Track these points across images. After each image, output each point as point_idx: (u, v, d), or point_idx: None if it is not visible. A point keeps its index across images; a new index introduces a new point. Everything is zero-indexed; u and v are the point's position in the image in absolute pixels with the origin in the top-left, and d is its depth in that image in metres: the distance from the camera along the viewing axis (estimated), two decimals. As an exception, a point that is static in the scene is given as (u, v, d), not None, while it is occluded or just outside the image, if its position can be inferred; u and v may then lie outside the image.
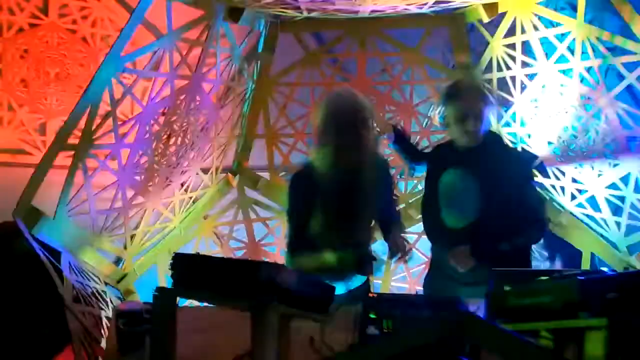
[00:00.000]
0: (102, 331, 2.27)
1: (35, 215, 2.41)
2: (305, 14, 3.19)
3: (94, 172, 2.70)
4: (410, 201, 3.81)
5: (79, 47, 3.89)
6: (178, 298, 1.80)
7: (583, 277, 1.60)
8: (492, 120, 3.52)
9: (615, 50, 2.68)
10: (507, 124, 3.47)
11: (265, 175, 3.82)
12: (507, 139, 3.39)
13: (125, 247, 3.13)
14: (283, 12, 3.17)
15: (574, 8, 2.97)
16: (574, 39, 2.82)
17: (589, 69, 2.82)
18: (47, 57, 3.97)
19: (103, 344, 2.26)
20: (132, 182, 2.94)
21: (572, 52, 2.85)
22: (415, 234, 3.67)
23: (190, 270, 1.77)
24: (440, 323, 1.17)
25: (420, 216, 2.98)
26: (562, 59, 2.94)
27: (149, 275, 3.37)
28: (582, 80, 2.87)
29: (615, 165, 2.95)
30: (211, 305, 1.98)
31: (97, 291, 2.59)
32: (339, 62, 3.69)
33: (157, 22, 2.98)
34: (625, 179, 2.96)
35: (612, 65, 2.78)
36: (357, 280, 2.51)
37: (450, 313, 1.67)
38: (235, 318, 1.75)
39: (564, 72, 2.95)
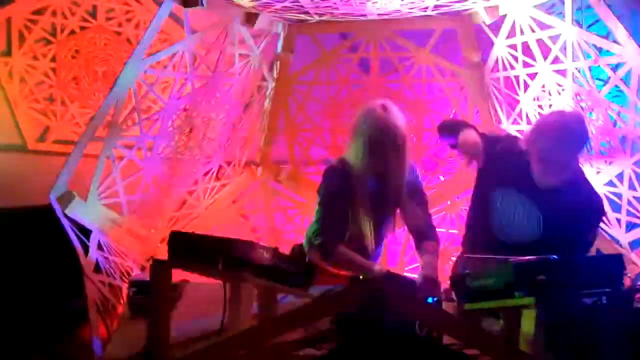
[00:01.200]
0: (121, 300, 2.61)
1: (69, 197, 2.78)
2: (316, 17, 3.43)
3: (122, 161, 3.05)
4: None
5: (124, 48, 4.26)
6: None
7: (518, 261, 1.78)
8: (502, 119, 3.65)
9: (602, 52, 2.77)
10: (515, 122, 3.59)
11: (287, 167, 4.09)
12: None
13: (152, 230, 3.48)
14: (296, 16, 3.42)
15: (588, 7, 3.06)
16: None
17: (580, 70, 2.92)
18: (96, 57, 4.36)
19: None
20: (157, 171, 3.28)
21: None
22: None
23: (183, 246, 2.06)
24: (356, 292, 1.39)
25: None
26: (557, 60, 3.04)
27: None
28: (575, 80, 2.96)
29: (610, 163, 3.03)
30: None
31: (122, 266, 2.95)
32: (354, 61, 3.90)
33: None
34: (620, 177, 3.04)
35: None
36: None
37: (366, 283, 1.87)
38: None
39: (559, 72, 3.06)
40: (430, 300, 2.25)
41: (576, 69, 2.94)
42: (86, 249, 2.61)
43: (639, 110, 2.75)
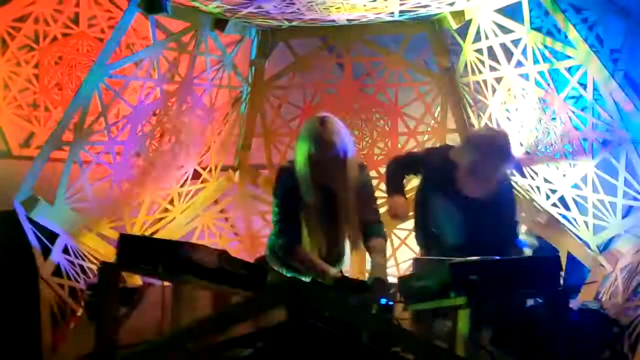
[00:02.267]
0: (82, 303, 2.64)
1: (34, 202, 2.81)
2: (286, 23, 3.47)
3: (89, 165, 3.09)
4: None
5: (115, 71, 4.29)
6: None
7: (453, 262, 1.79)
8: (474, 122, 3.67)
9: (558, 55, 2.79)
10: (486, 126, 3.60)
11: (265, 172, 4.11)
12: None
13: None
14: (266, 22, 3.46)
15: (577, 9, 3.07)
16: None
17: (542, 73, 2.93)
18: (79, 63, 4.40)
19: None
20: (127, 175, 3.32)
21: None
22: (406, 230, 3.82)
23: (131, 248, 2.09)
24: (270, 291, 1.41)
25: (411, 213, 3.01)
26: (520, 64, 3.05)
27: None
28: (537, 83, 2.98)
29: (574, 165, 3.04)
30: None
31: (90, 270, 2.97)
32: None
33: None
34: (584, 179, 3.04)
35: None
36: None
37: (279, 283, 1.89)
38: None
39: (523, 76, 3.07)
40: (383, 301, 2.28)
41: (538, 72, 2.95)
42: (49, 253, 2.63)
43: (596, 112, 2.76)
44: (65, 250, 2.95)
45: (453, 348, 1.77)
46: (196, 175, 3.91)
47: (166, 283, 2.13)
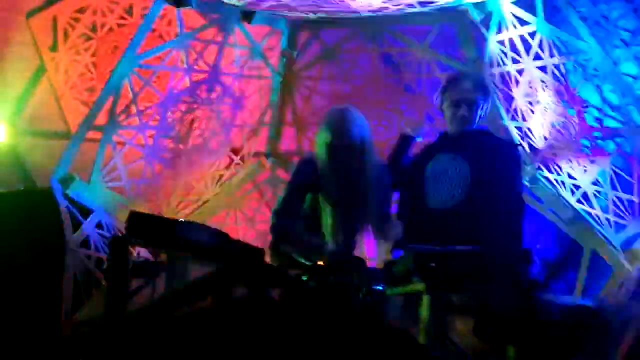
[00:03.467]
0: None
1: (71, 179, 3.10)
2: (312, 15, 3.57)
3: (123, 147, 3.35)
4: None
5: (157, 44, 4.51)
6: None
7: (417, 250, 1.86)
8: (502, 114, 3.62)
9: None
10: (514, 119, 3.55)
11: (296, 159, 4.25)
12: (515, 135, 3.46)
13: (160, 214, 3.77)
14: (292, 14, 3.57)
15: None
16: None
17: (557, 67, 2.88)
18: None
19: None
20: (159, 158, 3.55)
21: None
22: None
23: (140, 225, 2.29)
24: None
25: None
26: (538, 57, 3.01)
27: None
28: (554, 77, 2.93)
29: (592, 161, 2.97)
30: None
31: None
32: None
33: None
34: (604, 176, 2.97)
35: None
36: None
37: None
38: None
39: (541, 69, 3.02)
40: (379, 288, 2.36)
41: (554, 66, 2.90)
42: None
43: (607, 108, 2.69)
44: (99, 226, 3.22)
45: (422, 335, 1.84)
46: (228, 161, 4.11)
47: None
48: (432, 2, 3.24)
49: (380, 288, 2.32)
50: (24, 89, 4.78)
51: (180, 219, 2.26)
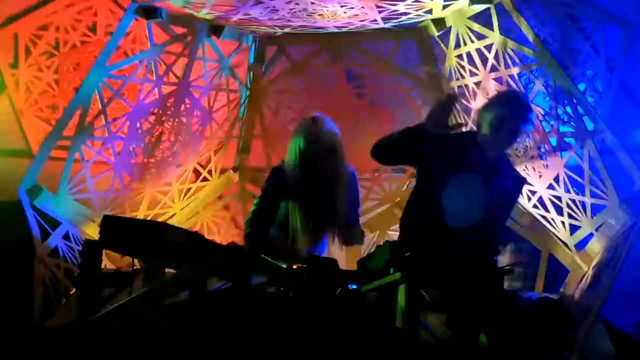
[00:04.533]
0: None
1: (38, 190, 3.07)
2: (279, 30, 3.68)
3: (91, 158, 3.34)
4: (397, 200, 4.12)
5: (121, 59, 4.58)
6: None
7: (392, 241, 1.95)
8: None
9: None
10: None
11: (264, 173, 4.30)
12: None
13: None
14: (261, 28, 3.68)
15: (572, 18, 3.19)
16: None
17: (512, 77, 3.07)
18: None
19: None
20: (127, 170, 3.56)
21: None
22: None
23: (115, 228, 2.30)
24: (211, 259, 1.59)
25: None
26: (494, 68, 3.19)
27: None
28: (509, 86, 3.11)
29: (547, 166, 3.15)
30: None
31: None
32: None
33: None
34: (557, 179, 3.14)
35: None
36: None
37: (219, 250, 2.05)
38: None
39: (497, 80, 3.21)
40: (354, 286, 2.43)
41: (509, 76, 3.09)
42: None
43: (560, 113, 2.88)
44: (66, 237, 3.19)
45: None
46: (196, 174, 4.13)
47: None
48: (394, 18, 3.40)
49: (355, 286, 2.39)
50: (-19, 106, 4.71)
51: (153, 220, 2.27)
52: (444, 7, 3.12)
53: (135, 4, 3.05)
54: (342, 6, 3.09)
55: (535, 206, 3.41)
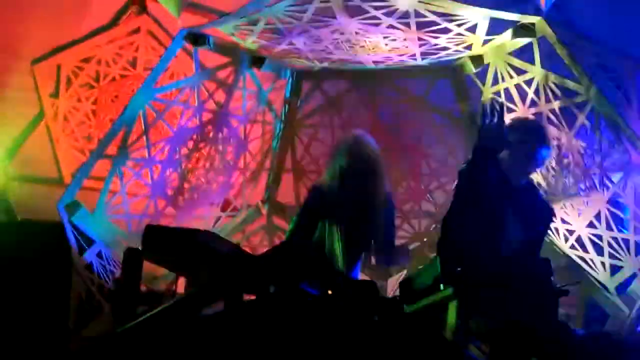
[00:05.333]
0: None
1: (76, 207, 3.10)
2: (317, 64, 3.77)
3: (129, 179, 3.38)
4: (425, 240, 4.08)
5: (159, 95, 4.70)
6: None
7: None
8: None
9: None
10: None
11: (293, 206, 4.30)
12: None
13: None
14: (299, 61, 3.77)
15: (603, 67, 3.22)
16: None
17: (553, 111, 3.08)
18: (128, 105, 4.79)
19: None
20: (163, 193, 3.58)
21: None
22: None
23: (159, 237, 2.29)
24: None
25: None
26: (534, 103, 3.22)
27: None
28: (550, 122, 3.12)
29: (588, 203, 3.11)
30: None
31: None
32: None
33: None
34: (599, 217, 3.09)
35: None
36: None
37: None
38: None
39: (537, 115, 3.22)
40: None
41: (550, 110, 3.10)
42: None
43: (604, 147, 2.87)
44: (100, 255, 3.19)
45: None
46: (227, 204, 4.14)
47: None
48: (434, 54, 3.47)
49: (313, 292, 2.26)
50: (21, 132, 4.84)
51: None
52: (485, 41, 3.18)
53: (185, 30, 3.15)
54: (385, 37, 3.17)
55: (572, 247, 3.33)
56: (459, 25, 3.02)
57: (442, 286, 1.86)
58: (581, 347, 1.98)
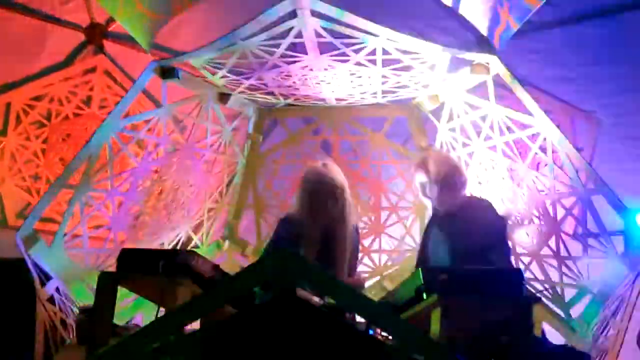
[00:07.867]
0: (70, 335, 2.72)
1: (34, 239, 2.98)
2: (282, 100, 3.88)
3: (90, 211, 3.29)
4: (384, 273, 4.15)
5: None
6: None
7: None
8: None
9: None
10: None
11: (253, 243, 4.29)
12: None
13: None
14: (264, 98, 3.87)
15: None
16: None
17: (507, 143, 3.29)
18: (86, 141, 4.70)
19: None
20: (123, 227, 3.50)
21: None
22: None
23: (135, 258, 2.24)
24: (264, 265, 1.59)
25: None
26: (488, 137, 3.43)
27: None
28: (504, 154, 3.33)
29: (542, 229, 3.29)
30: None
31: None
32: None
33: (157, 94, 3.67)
34: (553, 243, 3.26)
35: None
36: None
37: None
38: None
39: (491, 148, 3.43)
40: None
41: (504, 143, 3.31)
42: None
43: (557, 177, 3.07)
44: (58, 290, 3.05)
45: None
46: (188, 240, 4.08)
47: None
48: (393, 92, 3.66)
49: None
50: (-37, 171, 4.61)
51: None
52: (442, 80, 3.39)
53: (155, 62, 3.19)
54: (351, 74, 3.31)
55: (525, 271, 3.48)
56: (421, 63, 3.21)
57: (425, 295, 1.91)
58: (552, 356, 2.07)
